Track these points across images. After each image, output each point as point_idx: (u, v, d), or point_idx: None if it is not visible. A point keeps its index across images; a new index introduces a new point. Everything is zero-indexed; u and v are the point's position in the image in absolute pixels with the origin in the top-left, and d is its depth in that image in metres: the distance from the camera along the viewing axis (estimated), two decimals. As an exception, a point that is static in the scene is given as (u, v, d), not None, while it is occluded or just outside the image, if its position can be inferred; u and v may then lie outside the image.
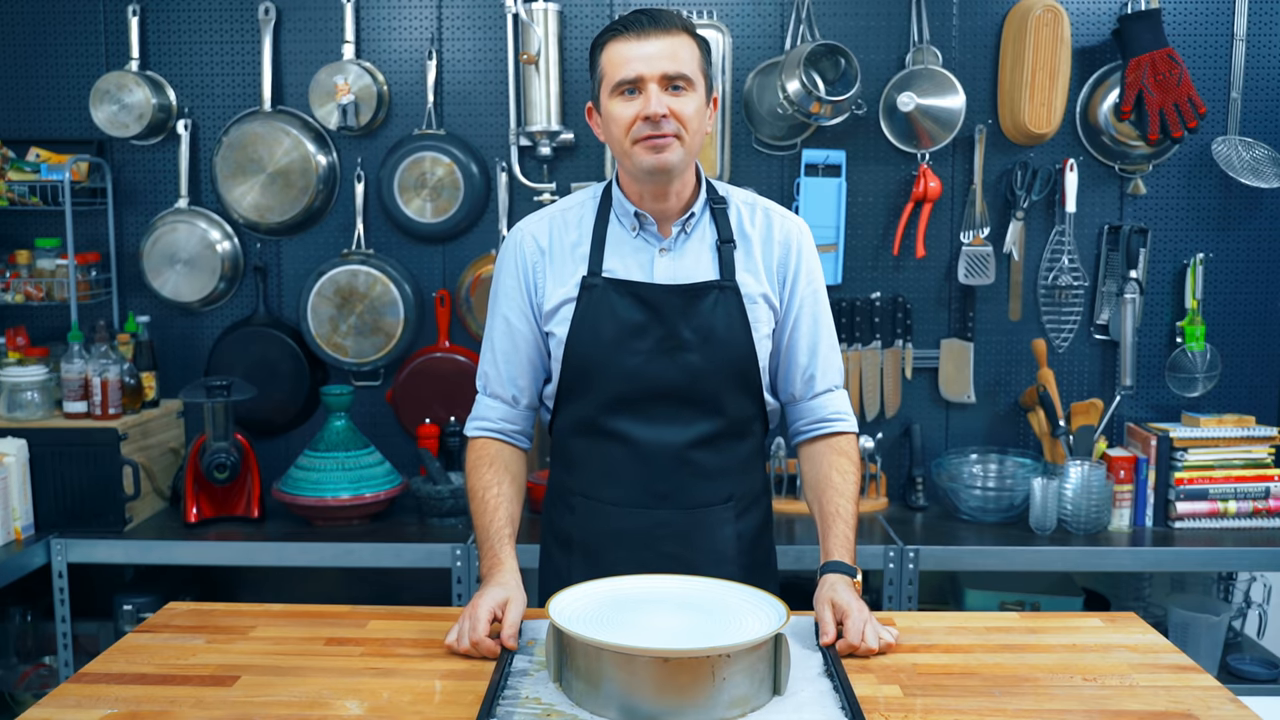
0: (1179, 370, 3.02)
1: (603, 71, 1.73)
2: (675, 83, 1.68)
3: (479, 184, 3.02)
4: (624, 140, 1.70)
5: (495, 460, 1.83)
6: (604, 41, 1.73)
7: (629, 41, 1.69)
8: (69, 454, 2.73)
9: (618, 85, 1.69)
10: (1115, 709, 1.40)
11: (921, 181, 2.95)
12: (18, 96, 3.09)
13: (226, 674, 1.51)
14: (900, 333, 3.05)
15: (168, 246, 3.03)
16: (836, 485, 1.80)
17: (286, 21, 3.04)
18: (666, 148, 1.68)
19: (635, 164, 1.71)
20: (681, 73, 1.68)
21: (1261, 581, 2.98)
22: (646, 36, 1.68)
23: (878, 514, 2.93)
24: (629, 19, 1.71)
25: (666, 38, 1.68)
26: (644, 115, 1.67)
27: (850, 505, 1.78)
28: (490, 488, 1.79)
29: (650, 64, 1.67)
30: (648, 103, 1.66)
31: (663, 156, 1.68)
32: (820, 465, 1.83)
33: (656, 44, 1.68)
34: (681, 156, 1.71)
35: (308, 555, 2.71)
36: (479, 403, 1.88)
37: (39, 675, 2.90)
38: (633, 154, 1.70)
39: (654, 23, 1.69)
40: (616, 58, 1.70)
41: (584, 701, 1.36)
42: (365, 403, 3.10)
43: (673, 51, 1.68)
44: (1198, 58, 2.99)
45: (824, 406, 1.86)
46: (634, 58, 1.68)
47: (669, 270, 1.78)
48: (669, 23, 1.70)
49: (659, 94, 1.67)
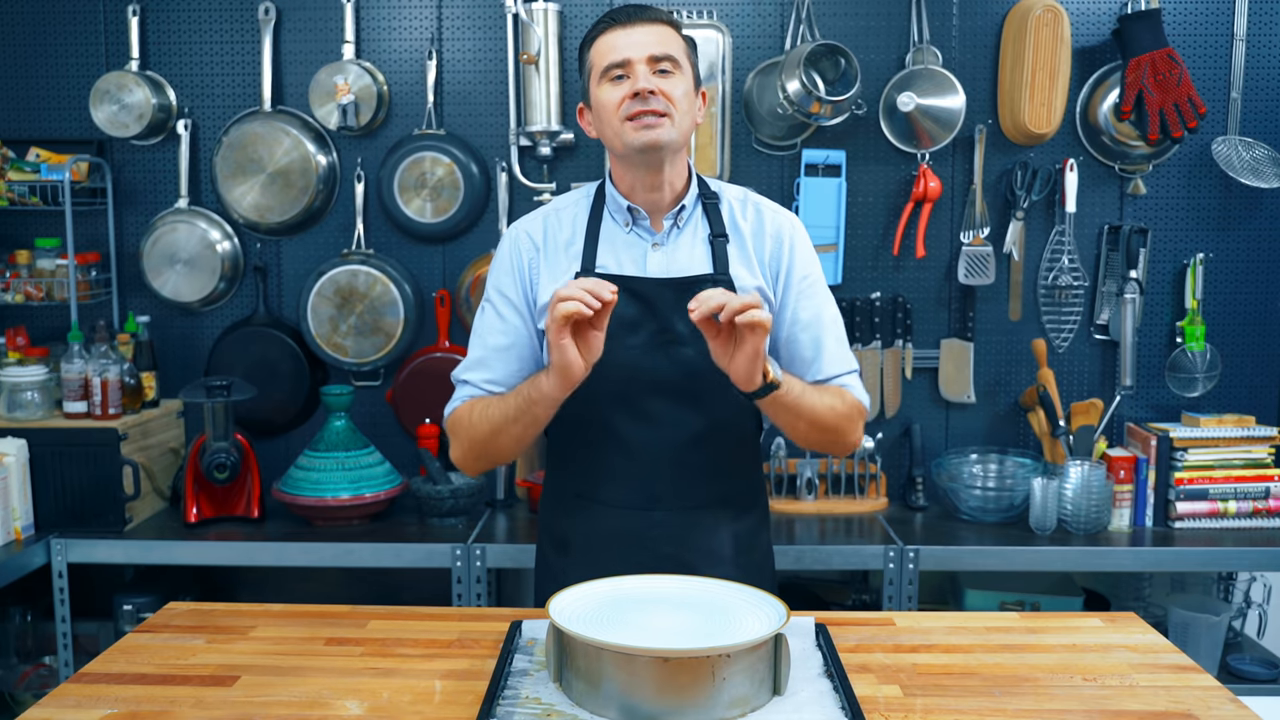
0: (1179, 370, 3.02)
1: (591, 63, 1.76)
2: (662, 65, 1.71)
3: (479, 184, 3.02)
4: (615, 121, 1.71)
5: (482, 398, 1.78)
6: (592, 37, 1.77)
7: (615, 31, 1.73)
8: (69, 454, 2.74)
9: (606, 70, 1.72)
10: (1115, 709, 1.40)
11: (921, 181, 2.95)
12: (18, 96, 3.09)
13: (226, 674, 1.51)
14: (900, 333, 3.05)
15: (168, 246, 3.03)
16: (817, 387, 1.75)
17: (286, 21, 3.04)
18: (657, 125, 1.69)
19: (626, 143, 1.71)
20: (668, 53, 1.72)
21: (1261, 581, 2.98)
22: (632, 25, 1.73)
23: (878, 514, 2.93)
24: (614, 13, 1.76)
25: (652, 26, 1.74)
26: (632, 92, 1.69)
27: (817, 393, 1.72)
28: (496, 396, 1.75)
29: (637, 48, 1.71)
30: (636, 80, 1.70)
31: (654, 134, 1.70)
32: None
33: (642, 31, 1.73)
34: (672, 136, 1.71)
35: (308, 555, 2.71)
36: (458, 390, 1.83)
37: (39, 675, 2.90)
38: (623, 133, 1.71)
39: (640, 13, 1.74)
40: (604, 47, 1.74)
41: (584, 701, 1.36)
42: (365, 403, 3.10)
43: (659, 37, 1.73)
44: (1198, 58, 2.99)
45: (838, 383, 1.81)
46: (621, 44, 1.72)
47: (662, 264, 1.78)
48: (654, 15, 1.76)
49: (647, 74, 1.70)
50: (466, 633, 1.65)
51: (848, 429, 1.80)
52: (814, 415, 1.72)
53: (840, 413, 1.77)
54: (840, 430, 1.78)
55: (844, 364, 1.83)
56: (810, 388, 1.73)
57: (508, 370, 1.80)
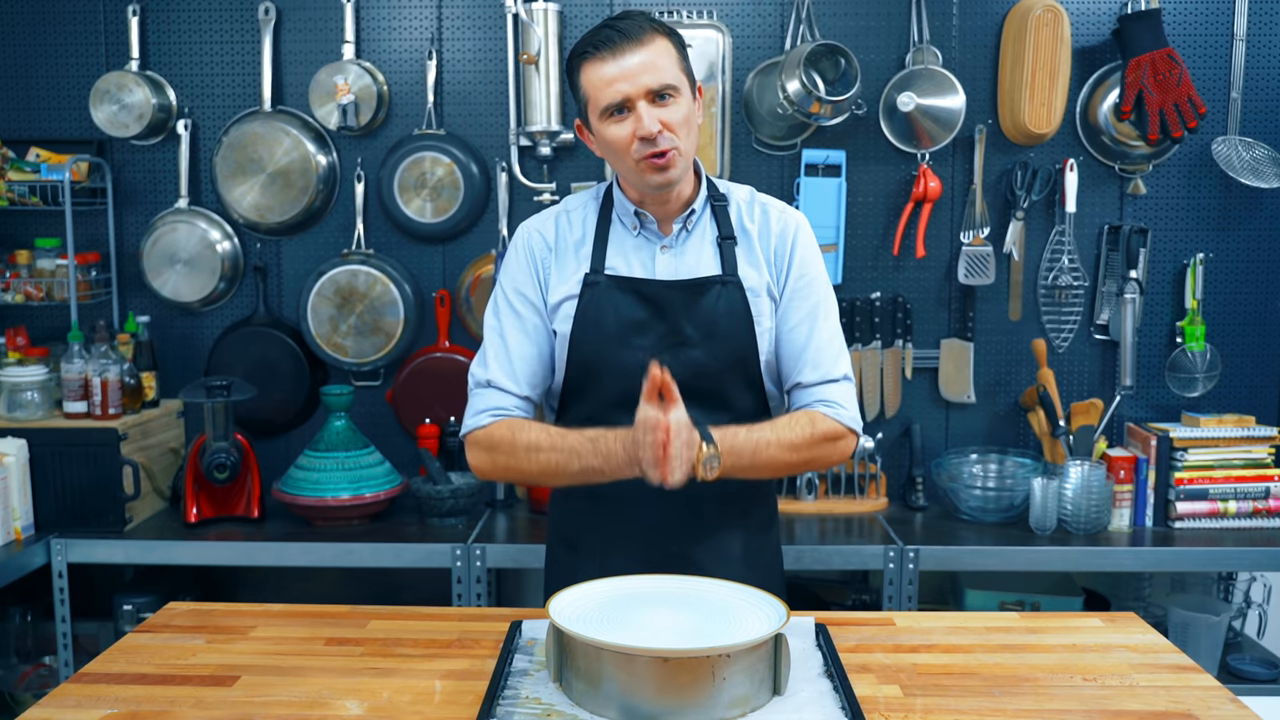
0: (1179, 370, 3.02)
1: (586, 95, 1.71)
2: (661, 94, 1.67)
3: (479, 184, 3.02)
4: (627, 159, 1.70)
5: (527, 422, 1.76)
6: (579, 64, 1.71)
7: (605, 62, 1.67)
8: (69, 454, 2.74)
9: (605, 110, 1.69)
10: (1115, 709, 1.40)
11: (921, 181, 2.95)
12: (18, 96, 3.09)
13: (226, 674, 1.51)
14: (900, 333, 3.05)
15: (168, 246, 3.03)
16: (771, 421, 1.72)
17: (286, 21, 3.04)
18: (668, 165, 1.69)
19: (640, 182, 1.73)
20: (665, 83, 1.67)
21: (1261, 581, 2.98)
22: (621, 53, 1.66)
23: (878, 514, 2.93)
24: (599, 37, 1.68)
25: (641, 49, 1.66)
26: (639, 136, 1.66)
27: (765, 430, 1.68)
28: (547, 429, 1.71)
29: (633, 82, 1.65)
30: (640, 123, 1.66)
31: (667, 175, 1.70)
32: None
33: (634, 58, 1.65)
34: (683, 167, 1.72)
35: (308, 555, 2.71)
36: (484, 395, 1.77)
37: (39, 675, 2.90)
38: (636, 173, 1.71)
39: (625, 36, 1.66)
40: (597, 80, 1.68)
41: (584, 701, 1.36)
42: (365, 403, 3.10)
43: (651, 62, 1.66)
44: (1198, 58, 2.99)
45: (820, 392, 1.77)
46: (616, 78, 1.66)
47: (671, 267, 1.78)
48: (639, 31, 1.67)
49: (649, 110, 1.66)
50: (466, 633, 1.65)
51: (823, 456, 1.75)
52: (776, 465, 1.70)
53: (810, 442, 1.72)
54: (815, 460, 1.75)
55: (826, 370, 1.77)
56: (764, 439, 1.68)
57: (530, 371, 1.78)
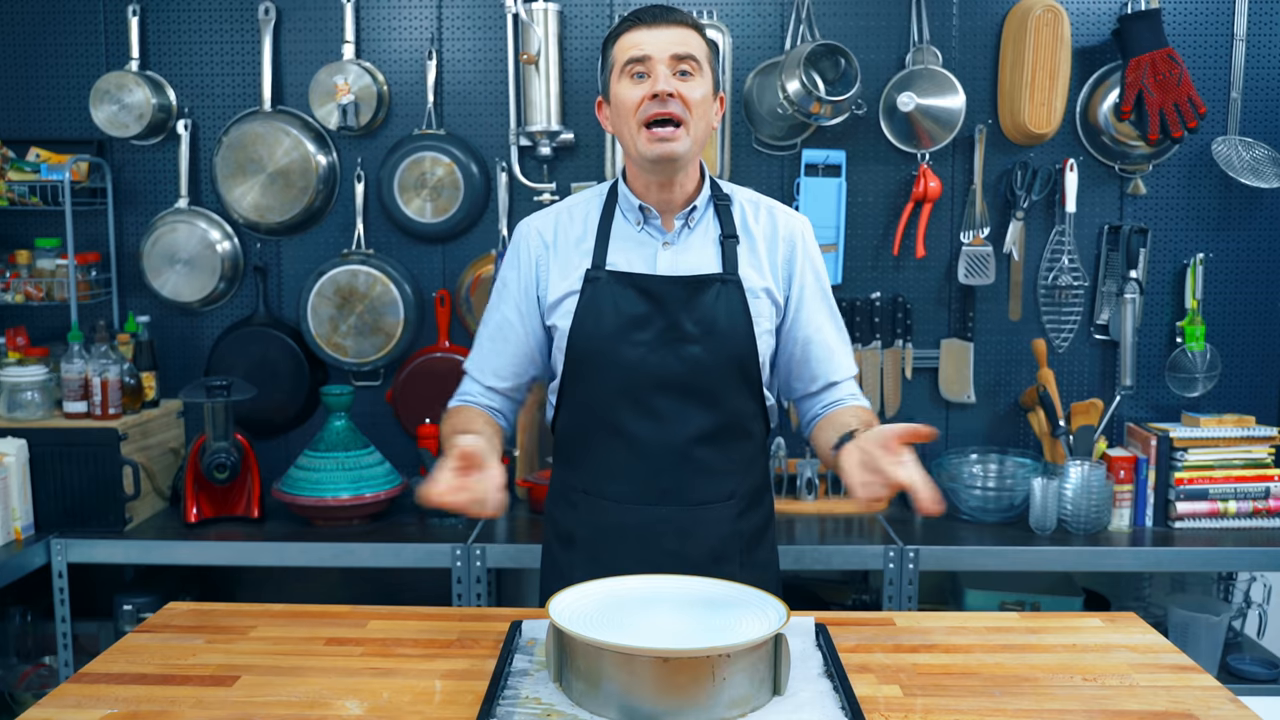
0: (1179, 370, 3.02)
1: (613, 58, 1.78)
2: (683, 65, 1.73)
3: (479, 184, 3.02)
4: (632, 123, 1.73)
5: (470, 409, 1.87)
6: (617, 34, 1.79)
7: (639, 30, 1.76)
8: (69, 454, 2.73)
9: (627, 65, 1.74)
10: (1115, 709, 1.40)
11: (921, 181, 2.95)
12: (18, 96, 3.09)
13: (226, 674, 1.51)
14: (900, 333, 3.05)
15: (168, 246, 3.03)
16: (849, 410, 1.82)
17: (286, 21, 3.04)
18: (672, 138, 1.72)
19: (641, 153, 1.74)
20: (690, 54, 1.74)
21: (1261, 581, 2.98)
22: (658, 25, 1.75)
23: (878, 514, 2.93)
24: (642, 11, 1.77)
25: (677, 28, 1.76)
26: (651, 94, 1.71)
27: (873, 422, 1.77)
28: (463, 416, 1.83)
29: (659, 46, 1.73)
30: (656, 81, 1.71)
31: (669, 146, 1.72)
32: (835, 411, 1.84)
33: (667, 32, 1.75)
34: (687, 146, 1.74)
35: (308, 555, 2.71)
36: (462, 381, 1.93)
37: (39, 675, 2.90)
38: (638, 142, 1.73)
39: (666, 14, 1.76)
40: (626, 43, 1.76)
41: (584, 701, 1.36)
42: (365, 403, 3.10)
43: (682, 38, 1.75)
44: (1198, 58, 2.99)
45: (851, 387, 1.89)
46: (644, 40, 1.74)
47: (672, 263, 1.79)
48: (680, 17, 1.77)
49: (667, 75, 1.72)
50: (466, 633, 1.65)
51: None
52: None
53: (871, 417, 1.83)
54: None
55: (849, 368, 1.89)
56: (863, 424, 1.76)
57: (498, 364, 1.88)
